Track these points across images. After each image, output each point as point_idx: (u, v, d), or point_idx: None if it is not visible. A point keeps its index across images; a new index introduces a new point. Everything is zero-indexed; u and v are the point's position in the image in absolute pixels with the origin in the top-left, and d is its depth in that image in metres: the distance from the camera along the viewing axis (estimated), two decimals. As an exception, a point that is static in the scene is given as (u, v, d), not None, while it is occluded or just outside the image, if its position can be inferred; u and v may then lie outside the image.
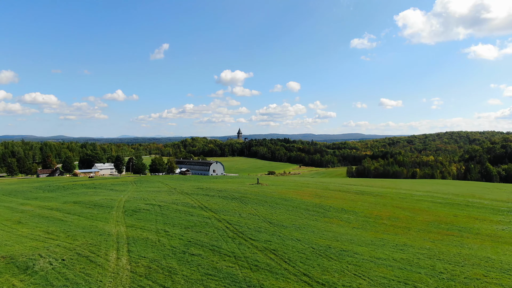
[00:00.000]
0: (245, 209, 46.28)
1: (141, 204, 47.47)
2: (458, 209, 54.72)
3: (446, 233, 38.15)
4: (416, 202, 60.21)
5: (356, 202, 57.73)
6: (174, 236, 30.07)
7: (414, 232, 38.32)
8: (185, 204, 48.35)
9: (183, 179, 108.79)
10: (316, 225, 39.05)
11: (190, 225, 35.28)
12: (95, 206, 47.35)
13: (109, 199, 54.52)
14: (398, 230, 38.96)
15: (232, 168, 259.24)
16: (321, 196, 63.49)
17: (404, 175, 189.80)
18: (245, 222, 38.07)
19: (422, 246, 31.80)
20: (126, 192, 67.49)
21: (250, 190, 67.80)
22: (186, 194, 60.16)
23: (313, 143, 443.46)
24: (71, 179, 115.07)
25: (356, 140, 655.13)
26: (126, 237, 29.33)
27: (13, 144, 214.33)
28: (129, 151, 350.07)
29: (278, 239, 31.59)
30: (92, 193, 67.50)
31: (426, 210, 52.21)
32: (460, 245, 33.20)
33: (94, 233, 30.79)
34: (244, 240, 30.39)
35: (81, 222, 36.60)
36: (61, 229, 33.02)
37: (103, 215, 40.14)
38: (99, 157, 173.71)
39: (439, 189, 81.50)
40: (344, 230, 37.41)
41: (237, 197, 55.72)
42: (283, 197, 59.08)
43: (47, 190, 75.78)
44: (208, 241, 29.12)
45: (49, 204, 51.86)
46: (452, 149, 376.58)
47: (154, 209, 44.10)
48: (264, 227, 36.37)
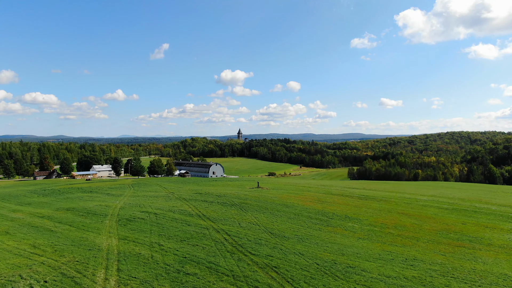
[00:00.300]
0: (245, 217, 44.31)
1: (136, 212, 45.51)
2: (466, 215, 52.75)
3: (457, 244, 36.18)
4: (421, 208, 58.24)
5: (360, 208, 55.75)
6: (168, 251, 28.10)
7: (423, 243, 36.34)
8: (182, 211, 46.39)
9: (182, 182, 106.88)
10: (319, 236, 37.07)
11: (186, 237, 33.31)
12: (88, 213, 45.40)
13: (104, 205, 52.58)
14: (406, 241, 36.97)
15: (232, 169, 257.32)
16: (323, 201, 61.52)
17: (406, 176, 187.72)
18: (244, 233, 36.11)
19: (433, 260, 29.82)
20: (123, 197, 65.56)
21: (250, 195, 65.86)
22: (184, 200, 58.18)
23: (313, 144, 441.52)
24: (68, 182, 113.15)
25: (357, 140, 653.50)
26: (117, 252, 27.37)
27: (11, 145, 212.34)
28: (129, 152, 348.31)
29: (280, 253, 29.63)
30: (87, 198, 65.57)
31: (433, 217, 50.24)
32: (474, 258, 31.24)
33: (84, 248, 28.82)
34: (243, 255, 28.43)
35: (72, 233, 34.64)
36: (49, 242, 31.05)
37: (96, 225, 38.18)
38: (97, 159, 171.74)
39: (444, 193, 79.50)
40: (349, 241, 35.43)
41: (237, 204, 53.75)
42: (284, 203, 57.12)
43: (41, 195, 73.87)
44: (205, 256, 27.14)
45: (41, 211, 49.89)
46: (453, 149, 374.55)
47: (149, 217, 42.13)
48: (264, 238, 34.40)
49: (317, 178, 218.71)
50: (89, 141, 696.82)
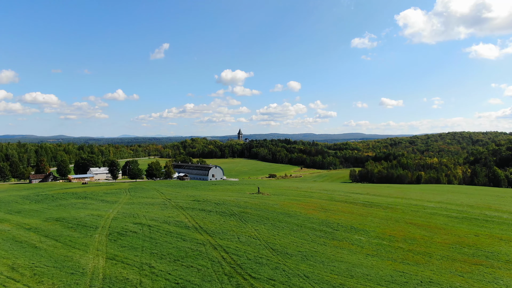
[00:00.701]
0: (245, 230, 41.61)
1: (129, 224, 42.80)
2: (477, 225, 50.06)
3: (473, 262, 33.46)
4: (430, 216, 55.54)
5: (365, 217, 53.05)
6: (160, 275, 25.41)
7: (437, 260, 33.62)
8: (178, 223, 43.68)
9: (180, 186, 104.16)
10: (325, 252, 34.35)
11: (180, 255, 30.61)
12: (78, 225, 42.70)
13: (96, 215, 49.90)
14: (418, 257, 34.26)
15: (232, 170, 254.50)
16: (326, 209, 58.82)
17: (409, 178, 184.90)
18: (244, 249, 33.40)
19: (451, 283, 27.13)
20: (117, 204, 62.87)
21: (251, 202, 63.16)
22: (180, 208, 55.47)
23: (314, 144, 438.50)
24: (63, 185, 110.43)
25: (357, 140, 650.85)
26: (102, 277, 24.69)
27: (8, 146, 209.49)
28: (128, 153, 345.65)
29: (283, 274, 26.96)
30: (80, 205, 62.91)
31: (444, 228, 47.53)
32: (494, 280, 28.56)
33: (66, 270, 26.14)
34: (242, 278, 25.75)
35: (56, 250, 31.95)
36: (30, 262, 28.37)
37: (84, 240, 35.49)
38: (94, 161, 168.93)
39: (451, 199, 76.76)
40: (357, 259, 32.71)
41: (236, 213, 51.04)
42: (286, 212, 54.42)
43: (34, 201, 71.21)
44: (199, 282, 24.46)
45: (30, 221, 47.22)
46: (455, 150, 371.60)
47: (142, 231, 39.44)
48: (265, 256, 31.70)
49: (319, 180, 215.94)
50: (90, 141, 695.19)
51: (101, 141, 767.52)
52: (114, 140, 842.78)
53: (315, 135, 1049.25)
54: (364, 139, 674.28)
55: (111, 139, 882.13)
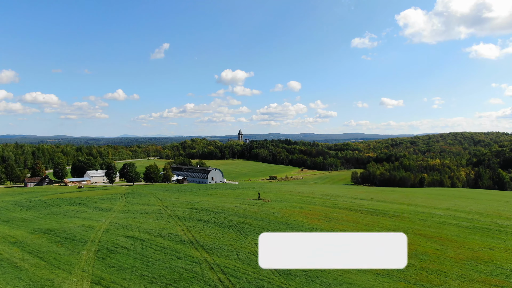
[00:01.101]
0: (244, 244, 38.88)
1: (121, 238, 40.06)
2: (490, 236, 47.28)
3: (493, 282, 30.70)
4: (439, 226, 52.76)
5: (372, 228, 50.32)
6: (148, 306, 22.60)
7: (453, 280, 30.88)
8: (173, 236, 40.92)
9: (179, 190, 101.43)
10: (331, 272, 31.59)
11: (173, 278, 27.87)
12: (66, 239, 40.00)
13: (87, 226, 47.17)
14: (432, 277, 31.52)
15: (232, 172, 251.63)
16: (330, 218, 56.07)
17: (412, 181, 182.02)
18: (243, 269, 30.65)
19: (474, 312, 24.41)
20: (111, 212, 60.17)
21: (251, 210, 60.40)
22: (177, 218, 52.73)
23: (314, 145, 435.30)
24: (58, 190, 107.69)
25: (358, 140, 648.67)
26: (83, 309, 21.89)
27: (4, 148, 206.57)
28: (127, 154, 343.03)
29: (286, 302, 24.22)
30: (72, 213, 60.26)
31: (455, 240, 44.76)
32: (520, 307, 25.86)
33: (44, 299, 23.36)
34: (241, 308, 22.98)
35: (38, 271, 29.23)
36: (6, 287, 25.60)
37: (70, 258, 32.74)
38: (92, 164, 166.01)
39: (459, 206, 73.98)
40: (367, 280, 29.98)
41: (235, 224, 48.28)
42: (288, 221, 51.71)
43: (25, 207, 68.56)
44: (193, 314, 21.65)
45: (16, 233, 44.55)
46: (457, 150, 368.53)
47: (134, 246, 36.69)
48: (267, 278, 28.97)
49: (320, 182, 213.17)
50: (90, 141, 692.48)
51: (101, 141, 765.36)
52: (114, 140, 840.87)
53: (316, 135, 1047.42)
54: (364, 139, 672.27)
55: (111, 139, 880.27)
